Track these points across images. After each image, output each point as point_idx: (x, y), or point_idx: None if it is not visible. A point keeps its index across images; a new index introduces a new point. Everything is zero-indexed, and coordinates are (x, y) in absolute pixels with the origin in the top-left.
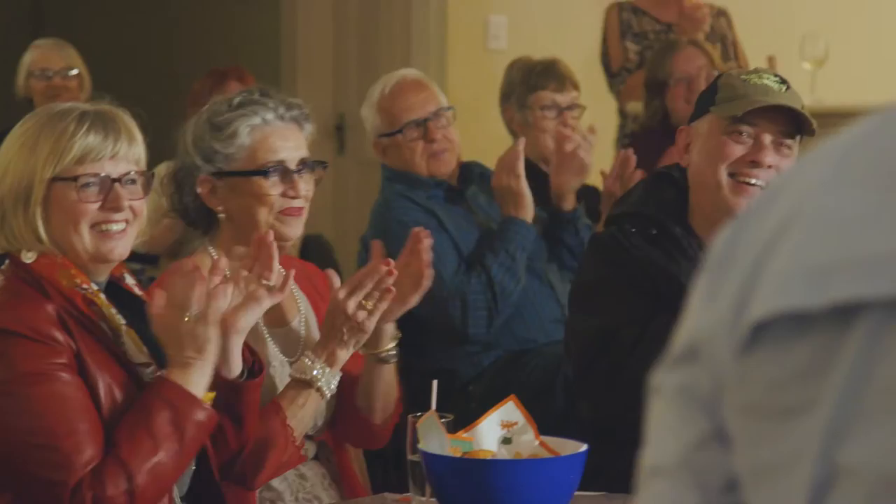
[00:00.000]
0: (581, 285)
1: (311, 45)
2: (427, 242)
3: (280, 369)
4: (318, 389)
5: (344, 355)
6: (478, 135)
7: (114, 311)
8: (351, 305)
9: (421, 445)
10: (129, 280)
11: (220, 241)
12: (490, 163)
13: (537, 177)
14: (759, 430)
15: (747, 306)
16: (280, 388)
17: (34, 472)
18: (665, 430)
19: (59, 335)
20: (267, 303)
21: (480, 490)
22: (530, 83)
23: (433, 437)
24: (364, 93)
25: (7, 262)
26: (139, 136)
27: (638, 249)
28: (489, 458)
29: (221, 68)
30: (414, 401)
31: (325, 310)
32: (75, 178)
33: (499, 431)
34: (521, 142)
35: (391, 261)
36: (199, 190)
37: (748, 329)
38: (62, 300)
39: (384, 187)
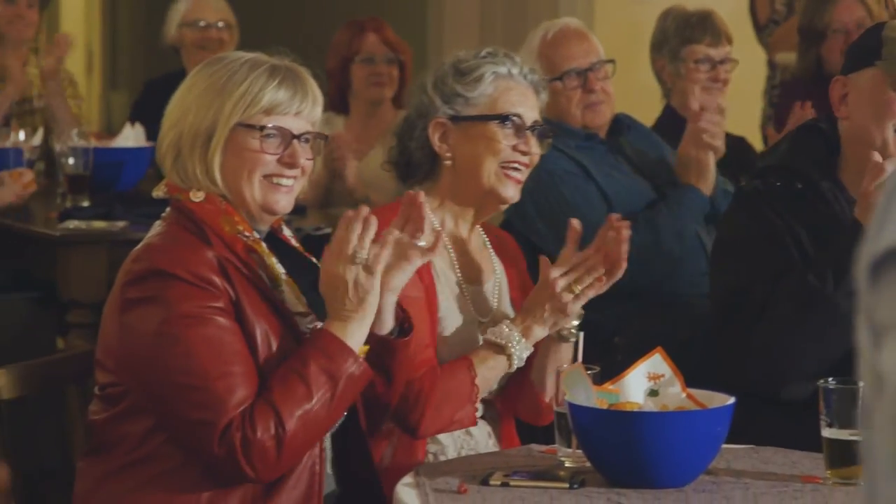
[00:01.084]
0: (721, 240)
1: None
2: (625, 234)
3: (469, 326)
4: (509, 357)
5: (540, 332)
6: (624, 86)
7: (274, 260)
8: (560, 285)
9: (567, 397)
10: (287, 231)
11: (438, 189)
12: (636, 113)
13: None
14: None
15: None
16: (466, 343)
17: (186, 412)
18: None
19: (218, 280)
20: (419, 262)
21: (626, 442)
22: (685, 35)
23: (579, 389)
24: (510, 45)
25: (169, 208)
26: (321, 98)
27: (781, 204)
28: (635, 410)
29: (360, 20)
30: None
31: (514, 277)
32: (261, 128)
33: (645, 383)
34: (713, 115)
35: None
36: (430, 132)
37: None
38: (223, 247)
39: None
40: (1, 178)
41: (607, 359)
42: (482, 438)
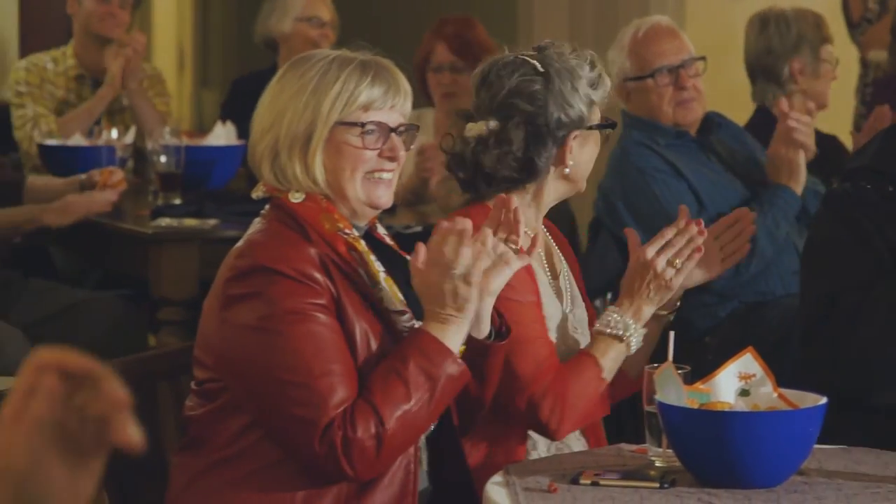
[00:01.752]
0: (811, 244)
1: None
2: (752, 229)
3: (563, 321)
4: (627, 343)
5: (649, 311)
6: (715, 84)
7: (373, 258)
8: (660, 263)
9: (658, 396)
10: (381, 229)
11: (525, 189)
12: (726, 112)
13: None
14: None
15: None
16: (564, 338)
17: (287, 409)
18: None
19: (320, 277)
20: (516, 265)
21: (717, 442)
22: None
23: (670, 389)
24: (601, 43)
25: (268, 206)
26: (410, 91)
27: (871, 207)
28: (727, 409)
29: (440, 22)
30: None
31: (574, 265)
32: (362, 124)
33: (736, 383)
34: (805, 115)
35: (701, 221)
36: (570, 143)
37: None
38: (324, 245)
39: (623, 134)
40: (91, 176)
41: (698, 358)
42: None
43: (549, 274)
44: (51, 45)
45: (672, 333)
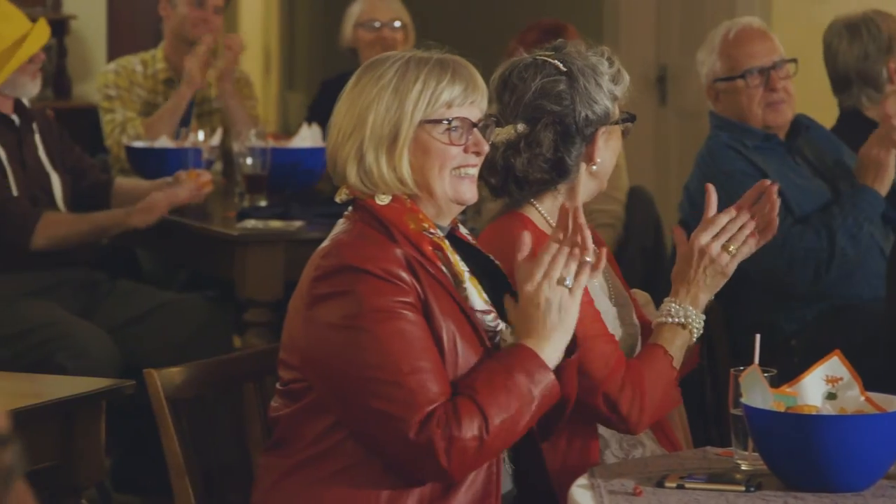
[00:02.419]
0: None
1: None
2: (776, 198)
3: (613, 317)
4: (690, 331)
5: (705, 298)
6: (802, 86)
7: (458, 257)
8: (714, 249)
9: (744, 399)
10: (463, 229)
11: (572, 196)
12: (813, 114)
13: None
14: None
15: None
16: (615, 332)
17: (375, 407)
18: None
19: (406, 276)
20: (586, 279)
21: (804, 445)
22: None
23: (756, 392)
24: (687, 45)
25: (351, 207)
26: (485, 87)
27: None
28: (813, 413)
29: (544, 21)
30: (735, 354)
31: (612, 262)
32: (448, 121)
33: (823, 387)
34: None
35: (777, 183)
36: (598, 139)
37: None
38: (409, 245)
39: (711, 136)
40: (178, 177)
41: (784, 361)
42: None
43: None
44: (139, 48)
45: (758, 336)
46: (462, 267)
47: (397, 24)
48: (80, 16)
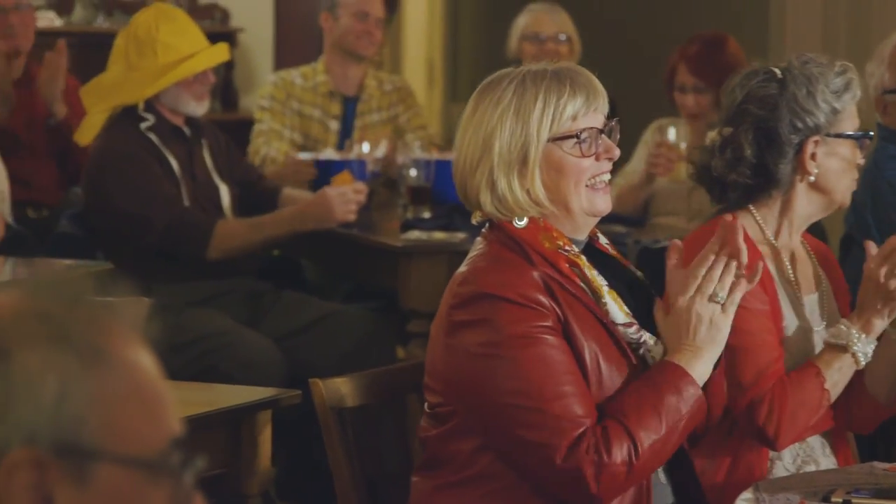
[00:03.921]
0: None
1: (799, 10)
2: None
3: (807, 335)
4: (854, 355)
5: (880, 324)
6: None
7: (595, 272)
8: (882, 274)
9: None
10: (603, 240)
11: (789, 207)
12: None
13: None
14: None
15: None
16: (805, 353)
17: (521, 434)
18: None
19: (545, 300)
20: (740, 295)
21: None
22: None
23: None
24: (854, 54)
25: (485, 229)
26: (603, 89)
27: None
28: None
29: (706, 33)
30: None
31: (839, 287)
32: (577, 136)
33: None
34: None
35: None
36: (808, 149)
37: None
38: (545, 265)
39: (877, 147)
40: (344, 194)
41: None
42: (817, 445)
43: (796, 286)
44: (305, 60)
45: None
46: (601, 281)
47: (562, 37)
48: (247, 29)
